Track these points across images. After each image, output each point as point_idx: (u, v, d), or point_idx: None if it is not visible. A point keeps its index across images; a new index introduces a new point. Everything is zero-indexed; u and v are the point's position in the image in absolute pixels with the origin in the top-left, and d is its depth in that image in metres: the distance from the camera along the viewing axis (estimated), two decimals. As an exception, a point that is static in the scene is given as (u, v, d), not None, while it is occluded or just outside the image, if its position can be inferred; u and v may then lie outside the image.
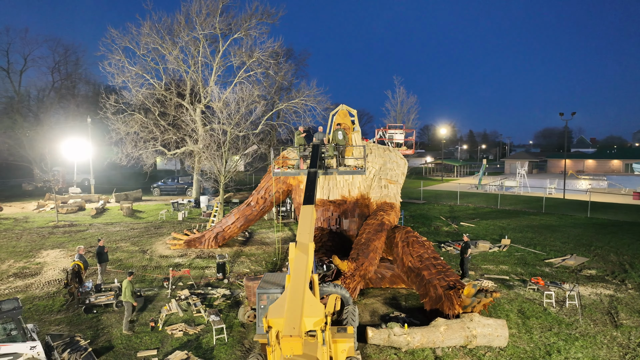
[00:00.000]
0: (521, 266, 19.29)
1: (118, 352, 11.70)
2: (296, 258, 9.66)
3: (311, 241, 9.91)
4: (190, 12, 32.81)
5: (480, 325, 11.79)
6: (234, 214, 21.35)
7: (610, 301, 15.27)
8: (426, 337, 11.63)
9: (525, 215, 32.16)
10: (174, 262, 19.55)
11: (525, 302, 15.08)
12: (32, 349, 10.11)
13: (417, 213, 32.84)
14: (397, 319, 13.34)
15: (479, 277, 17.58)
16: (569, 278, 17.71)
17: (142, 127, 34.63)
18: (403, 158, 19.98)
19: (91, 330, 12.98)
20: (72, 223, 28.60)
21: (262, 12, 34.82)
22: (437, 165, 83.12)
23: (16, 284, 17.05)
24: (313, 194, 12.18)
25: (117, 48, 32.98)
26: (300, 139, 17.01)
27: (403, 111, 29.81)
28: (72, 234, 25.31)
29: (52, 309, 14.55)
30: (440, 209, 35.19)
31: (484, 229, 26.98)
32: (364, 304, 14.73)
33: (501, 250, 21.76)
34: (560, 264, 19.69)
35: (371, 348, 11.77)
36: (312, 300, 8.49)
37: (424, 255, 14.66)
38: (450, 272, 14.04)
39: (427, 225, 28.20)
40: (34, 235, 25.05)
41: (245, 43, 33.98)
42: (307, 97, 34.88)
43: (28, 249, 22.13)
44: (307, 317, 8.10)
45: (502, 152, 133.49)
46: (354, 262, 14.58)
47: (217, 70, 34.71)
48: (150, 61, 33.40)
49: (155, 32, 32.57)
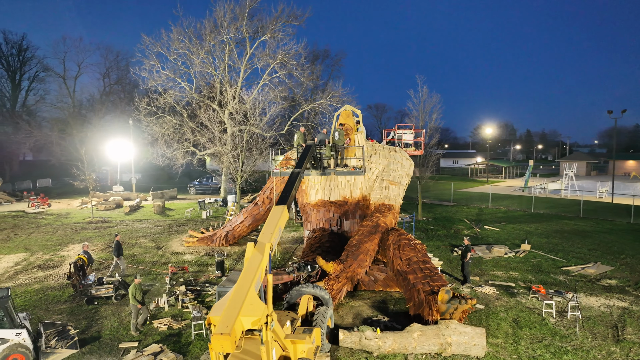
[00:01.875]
0: (534, 273, 18.27)
1: (103, 342, 12.35)
2: (252, 257, 9.78)
3: (270, 241, 9.98)
4: (218, 16, 33.79)
5: (456, 333, 11.34)
6: (243, 213, 21.82)
7: (620, 314, 14.15)
8: (398, 342, 11.36)
9: (558, 220, 30.34)
10: (183, 259, 20.30)
11: (523, 311, 14.30)
12: (17, 335, 10.91)
13: (441, 215, 31.91)
14: (378, 323, 13.13)
15: (481, 284, 16.87)
16: (582, 287, 16.57)
17: (174, 128, 36.13)
18: (409, 159, 19.56)
19: (87, 320, 13.79)
20: (104, 219, 30.41)
21: (288, 14, 35.25)
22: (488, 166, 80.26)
23: (37, 274, 18.40)
24: (288, 194, 12.23)
25: (150, 53, 34.65)
26: (300, 139, 17.12)
27: (425, 111, 29.02)
28: (101, 230, 26.91)
29: (60, 299, 15.59)
30: (469, 211, 33.96)
31: (508, 234, 25.76)
32: (351, 306, 14.59)
33: (517, 256, 20.70)
34: (578, 272, 18.45)
35: (344, 350, 11.66)
36: (254, 300, 8.56)
37: (413, 259, 14.29)
38: (437, 277, 13.60)
39: (447, 228, 27.34)
40: (68, 230, 26.88)
41: (271, 45, 34.53)
42: (332, 98, 34.91)
43: (58, 242, 23.80)
44: (244, 316, 8.20)
45: (562, 153, 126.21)
46: (342, 263, 14.48)
47: (244, 73, 35.53)
48: (181, 65, 34.78)
49: (185, 37, 33.84)
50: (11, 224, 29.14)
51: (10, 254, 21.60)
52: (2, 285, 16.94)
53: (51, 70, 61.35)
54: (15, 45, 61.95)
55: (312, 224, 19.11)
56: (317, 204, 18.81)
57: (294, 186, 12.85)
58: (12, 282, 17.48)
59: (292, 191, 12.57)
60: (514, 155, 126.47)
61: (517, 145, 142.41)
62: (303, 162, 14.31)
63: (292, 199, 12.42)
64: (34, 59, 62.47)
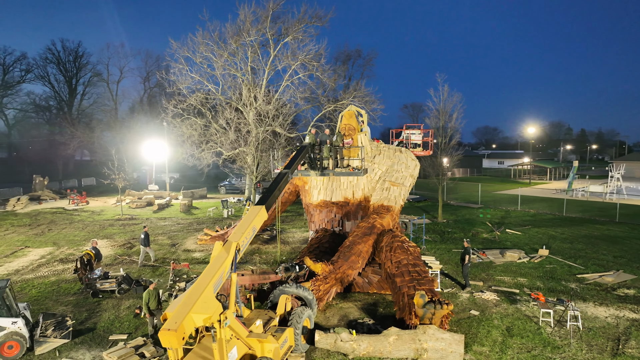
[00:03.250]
0: (544, 280, 17.39)
1: (96, 333, 12.99)
2: (217, 256, 9.99)
3: (237, 241, 10.14)
4: (242, 19, 34.46)
5: (433, 339, 11.03)
6: (252, 212, 22.14)
7: (628, 326, 13.22)
8: (373, 345, 11.20)
9: (589, 224, 28.65)
10: (192, 257, 20.93)
11: (520, 319, 13.67)
12: (13, 324, 11.69)
13: (464, 218, 30.96)
14: (362, 325, 12.99)
15: (483, 289, 16.27)
16: (594, 296, 15.60)
17: (202, 129, 37.23)
18: (414, 159, 19.16)
19: (88, 312, 14.54)
20: (132, 217, 31.84)
21: (311, 15, 35.40)
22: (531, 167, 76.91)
23: (57, 267, 19.58)
24: (269, 195, 12.33)
25: (179, 57, 35.88)
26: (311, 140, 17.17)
27: (446, 110, 28.26)
28: (126, 227, 28.21)
29: (70, 291, 16.52)
30: (494, 214, 32.72)
31: (529, 238, 24.62)
32: (340, 307, 14.51)
33: (531, 261, 19.77)
34: (594, 280, 17.38)
35: (321, 352, 11.64)
36: (208, 298, 8.74)
37: (403, 262, 14.01)
38: (425, 281, 13.27)
39: (465, 231, 26.50)
40: (96, 227, 28.38)
41: (294, 46, 34.81)
42: (354, 98, 34.74)
43: (84, 238, 25.18)
44: (196, 313, 8.40)
45: (620, 153, 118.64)
46: (332, 264, 14.43)
47: (268, 74, 36.05)
48: (207, 67, 35.77)
49: (210, 40, 34.79)
50: (49, 220, 31.13)
51: (39, 248, 23.12)
52: (24, 278, 18.19)
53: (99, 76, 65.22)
54: (72, 52, 66.35)
55: (315, 224, 19.15)
56: (319, 204, 18.81)
57: (278, 187, 12.94)
58: (33, 274, 18.70)
59: (275, 192, 12.67)
60: (565, 155, 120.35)
61: (568, 145, 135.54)
62: (293, 163, 14.39)
63: (273, 199, 12.51)
64: (89, 64, 66.75)
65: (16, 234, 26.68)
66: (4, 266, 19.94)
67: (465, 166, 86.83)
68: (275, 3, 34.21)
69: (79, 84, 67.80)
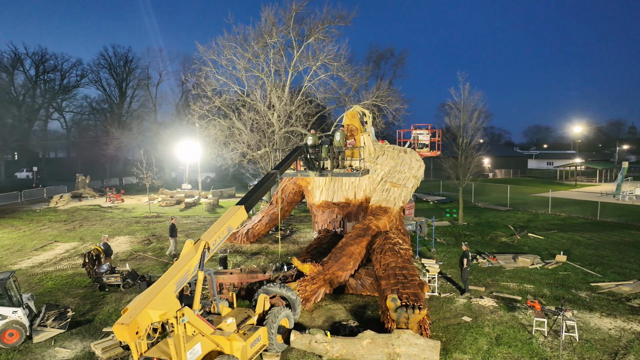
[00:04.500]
0: (553, 288, 16.52)
1: (93, 325, 13.69)
2: (186, 254, 10.29)
3: (208, 239, 10.40)
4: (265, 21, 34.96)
5: (406, 344, 10.80)
6: (261, 212, 22.52)
7: (631, 339, 12.34)
8: (346, 348, 11.11)
9: (623, 230, 26.83)
10: (201, 254, 21.52)
11: (514, 327, 13.09)
12: (14, 313, 12.56)
13: (487, 220, 29.86)
14: (345, 328, 12.91)
15: (483, 295, 15.68)
16: (603, 306, 14.66)
17: (228, 130, 38.16)
18: (419, 160, 18.76)
19: (91, 304, 15.34)
20: (158, 215, 33.13)
21: (334, 15, 35.35)
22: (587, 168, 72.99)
23: (76, 261, 20.74)
24: (251, 195, 12.51)
25: (207, 59, 36.94)
26: (314, 141, 17.30)
27: (467, 109, 27.38)
28: (150, 224, 29.42)
29: (81, 284, 17.49)
30: (520, 217, 31.34)
31: (551, 243, 23.41)
32: (328, 308, 14.46)
33: (544, 267, 18.82)
34: (609, 290, 16.31)
35: (297, 352, 11.70)
36: (168, 294, 9.01)
37: (391, 264, 13.77)
38: (410, 285, 12.98)
39: (484, 234, 25.57)
40: (123, 224, 29.78)
41: (317, 47, 34.91)
42: (376, 98, 34.39)
43: (109, 234, 26.46)
44: (152, 309, 8.68)
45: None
46: (321, 265, 14.42)
47: (292, 76, 36.37)
48: (232, 69, 36.60)
49: (235, 42, 35.56)
50: (83, 216, 33.00)
51: (66, 242, 24.58)
52: (45, 271, 19.43)
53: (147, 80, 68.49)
54: (122, 57, 70.11)
55: (318, 225, 19.19)
56: (322, 205, 18.83)
57: (263, 187, 13.11)
58: (54, 266, 19.93)
59: (258, 192, 12.83)
60: (622, 156, 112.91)
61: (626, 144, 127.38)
62: (282, 164, 14.51)
63: (255, 199, 12.66)
64: (137, 68, 70.32)
65: (51, 229, 28.47)
66: (32, 259, 21.37)
67: (508, 167, 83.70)
68: (298, 4, 34.50)
69: (129, 87, 71.72)
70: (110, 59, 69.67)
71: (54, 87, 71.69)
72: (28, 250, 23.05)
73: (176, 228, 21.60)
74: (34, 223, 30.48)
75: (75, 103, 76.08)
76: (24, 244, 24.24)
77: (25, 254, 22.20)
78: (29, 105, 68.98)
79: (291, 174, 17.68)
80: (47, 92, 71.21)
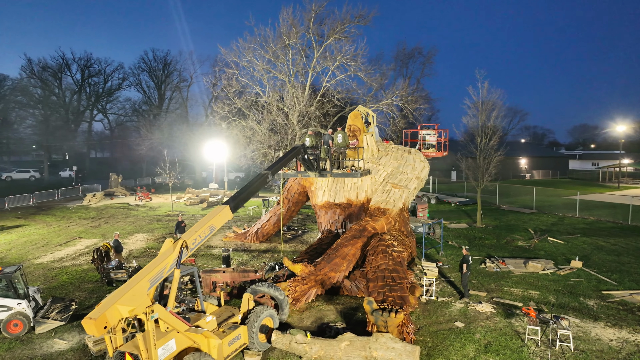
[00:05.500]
0: (559, 294, 15.80)
1: (93, 318, 14.29)
2: (164, 252, 10.58)
3: (187, 238, 10.65)
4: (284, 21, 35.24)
5: (383, 348, 10.65)
6: (269, 212, 22.77)
7: (632, 352, 11.65)
8: (324, 349, 11.09)
9: (655, 235, 25.28)
10: (210, 252, 22.01)
11: (507, 334, 12.64)
12: (18, 305, 13.32)
13: (507, 223, 28.86)
14: (330, 329, 12.88)
15: (482, 300, 15.21)
16: (610, 316, 13.90)
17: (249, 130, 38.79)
18: (423, 161, 18.42)
19: (97, 298, 16.01)
20: (180, 213, 34.06)
21: (355, 15, 35.19)
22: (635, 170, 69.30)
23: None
24: (239, 195, 12.68)
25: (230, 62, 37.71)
26: (312, 142, 17.39)
27: (485, 109, 26.58)
28: (169, 222, 30.33)
29: (92, 279, 18.29)
30: (544, 220, 30.08)
31: (570, 248, 22.36)
32: (319, 309, 14.45)
33: (555, 273, 18.02)
34: (621, 298, 15.43)
35: (278, 352, 11.80)
36: (139, 291, 9.30)
37: (381, 267, 13.61)
38: (398, 287, 12.78)
39: (501, 237, 24.73)
40: (145, 221, 30.87)
41: (335, 47, 34.88)
42: (395, 98, 34.00)
43: (129, 231, 27.55)
44: (122, 305, 9.00)
45: None
46: (313, 266, 14.44)
47: (311, 77, 36.52)
48: (253, 71, 37.16)
49: (256, 44, 36.08)
50: (110, 214, 34.45)
51: (88, 239, 25.75)
52: (63, 265, 20.45)
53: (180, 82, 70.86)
54: (161, 60, 72.83)
55: (321, 225, 19.21)
56: (324, 205, 18.83)
57: (252, 187, 13.25)
58: (72, 261, 20.94)
59: (246, 192, 12.96)
60: None
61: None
62: (276, 165, 14.61)
63: (243, 200, 12.80)
64: (175, 71, 72.93)
65: (78, 225, 29.91)
66: (54, 254, 22.54)
67: (547, 168, 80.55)
68: (318, 5, 34.58)
69: (167, 89, 74.45)
70: (150, 62, 72.54)
71: (98, 90, 75.36)
72: (53, 245, 24.32)
73: (183, 225, 22.14)
74: (65, 220, 32.10)
75: (118, 105, 80.00)
76: (51, 240, 25.59)
77: (49, 249, 23.44)
78: (75, 108, 72.81)
79: (292, 174, 17.80)
80: (92, 95, 74.92)
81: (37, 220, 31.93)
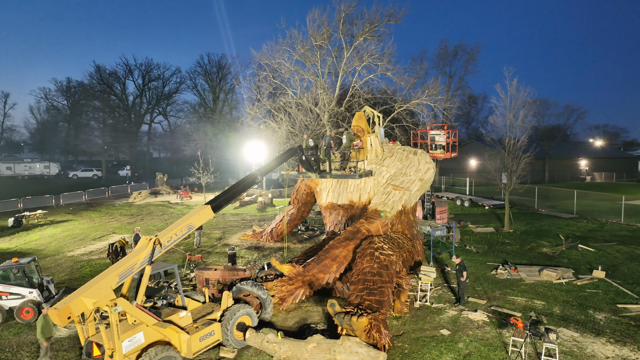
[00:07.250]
0: (566, 306, 14.76)
1: (98, 309, 15.28)
2: (138, 248, 11.14)
3: (160, 237, 11.13)
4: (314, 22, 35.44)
5: (347, 352, 10.57)
6: (282, 212, 23.07)
7: (627, 372, 10.71)
8: (292, 350, 11.18)
9: None
10: (225, 250, 22.68)
11: (491, 345, 12.06)
12: (30, 293, 14.54)
13: (538, 228, 27.20)
14: (310, 330, 12.91)
15: (477, 308, 14.55)
16: (616, 332, 12.82)
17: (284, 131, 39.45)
18: (428, 162, 17.90)
19: (107, 291, 17.07)
20: (212, 211, 35.36)
21: (385, 14, 34.75)
22: None
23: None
24: (221, 196, 13.02)
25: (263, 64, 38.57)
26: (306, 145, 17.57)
27: (513, 107, 25.25)
28: (198, 220, 31.54)
29: (111, 272, 19.49)
30: (582, 226, 28.03)
31: (599, 256, 20.73)
32: (306, 310, 14.50)
33: (571, 283, 16.84)
34: (637, 313, 14.17)
35: (253, 350, 12.04)
36: (104, 286, 9.88)
37: (365, 269, 13.44)
38: (378, 291, 12.56)
39: (525, 243, 23.40)
40: (176, 218, 32.30)
41: (364, 47, 34.63)
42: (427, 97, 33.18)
43: (158, 228, 28.99)
44: (86, 297, 9.61)
45: None
46: (302, 266, 14.54)
47: (342, 77, 36.49)
48: (284, 72, 37.74)
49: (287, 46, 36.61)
50: (149, 211, 36.42)
51: (120, 234, 27.41)
52: (90, 258, 21.97)
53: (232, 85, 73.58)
54: (216, 64, 76.11)
55: (327, 226, 19.24)
56: (328, 206, 18.84)
57: (240, 187, 13.57)
58: (99, 255, 22.44)
59: (231, 192, 13.29)
60: None
61: None
62: (267, 166, 14.84)
63: (227, 200, 13.11)
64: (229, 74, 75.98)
65: (117, 221, 31.91)
66: (86, 247, 24.26)
67: (611, 169, 74.93)
68: (347, 5, 34.48)
69: (222, 91, 77.57)
70: (205, 66, 75.92)
71: (158, 93, 79.85)
72: (89, 239, 26.16)
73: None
74: (107, 216, 34.36)
75: (177, 107, 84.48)
76: (88, 234, 27.53)
77: (84, 243, 25.25)
78: (137, 111, 77.75)
79: (294, 175, 17.98)
80: (152, 98, 79.62)
81: (83, 215, 34.42)
